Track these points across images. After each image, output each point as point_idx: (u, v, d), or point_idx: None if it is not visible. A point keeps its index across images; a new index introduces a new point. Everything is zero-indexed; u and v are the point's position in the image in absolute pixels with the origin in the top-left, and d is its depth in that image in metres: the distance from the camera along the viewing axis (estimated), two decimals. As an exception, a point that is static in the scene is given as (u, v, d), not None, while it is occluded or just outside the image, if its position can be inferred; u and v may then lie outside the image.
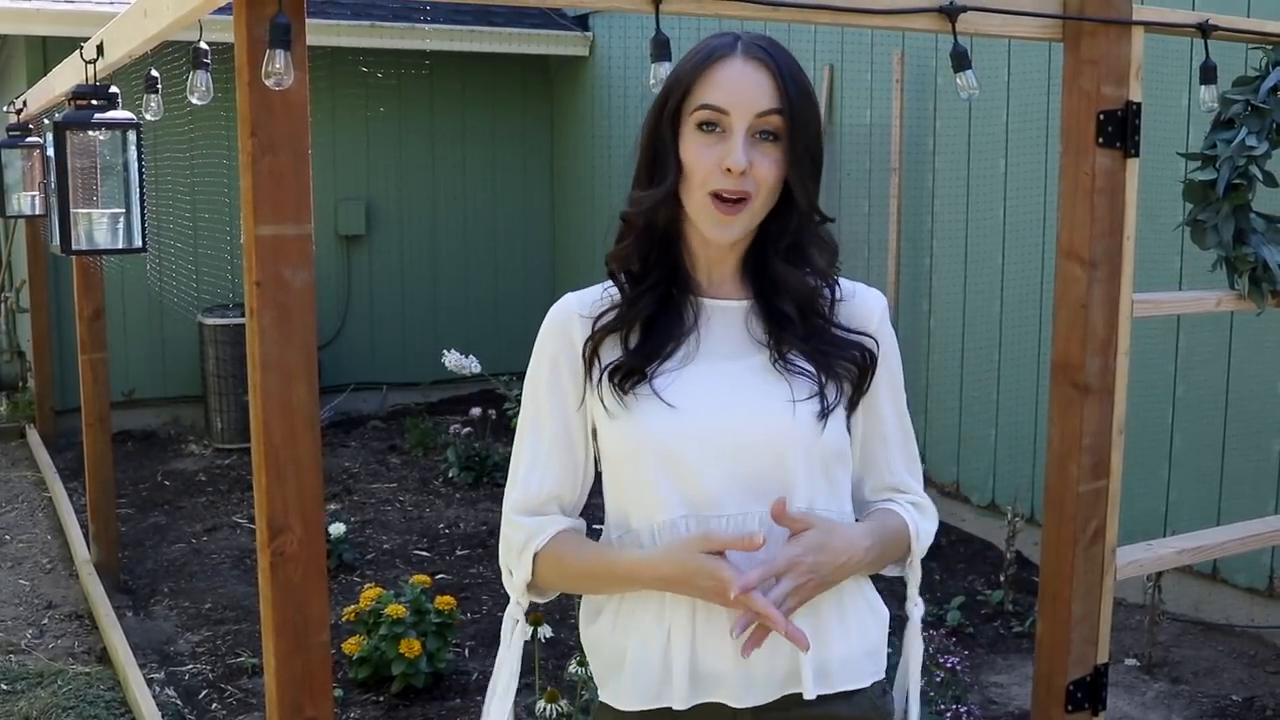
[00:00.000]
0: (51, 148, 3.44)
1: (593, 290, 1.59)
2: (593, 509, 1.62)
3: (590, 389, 1.55)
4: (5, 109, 5.43)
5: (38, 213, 5.14)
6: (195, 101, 2.44)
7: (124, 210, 3.45)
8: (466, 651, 4.12)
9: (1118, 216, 2.16)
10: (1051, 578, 2.24)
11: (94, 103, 3.38)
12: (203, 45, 2.47)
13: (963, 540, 5.17)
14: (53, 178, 3.46)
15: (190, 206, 7.14)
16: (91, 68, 3.33)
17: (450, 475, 6.27)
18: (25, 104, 4.96)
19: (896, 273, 5.52)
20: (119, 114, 3.41)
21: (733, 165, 1.44)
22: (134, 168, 3.44)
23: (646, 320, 1.53)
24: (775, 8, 1.84)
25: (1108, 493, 2.22)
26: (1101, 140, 2.11)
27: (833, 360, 1.53)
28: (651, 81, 1.69)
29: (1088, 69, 2.10)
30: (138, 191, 3.45)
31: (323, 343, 7.42)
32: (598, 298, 1.57)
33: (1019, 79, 4.90)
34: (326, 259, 7.57)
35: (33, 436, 6.96)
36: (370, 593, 3.79)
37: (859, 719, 1.56)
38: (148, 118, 3.35)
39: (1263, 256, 2.51)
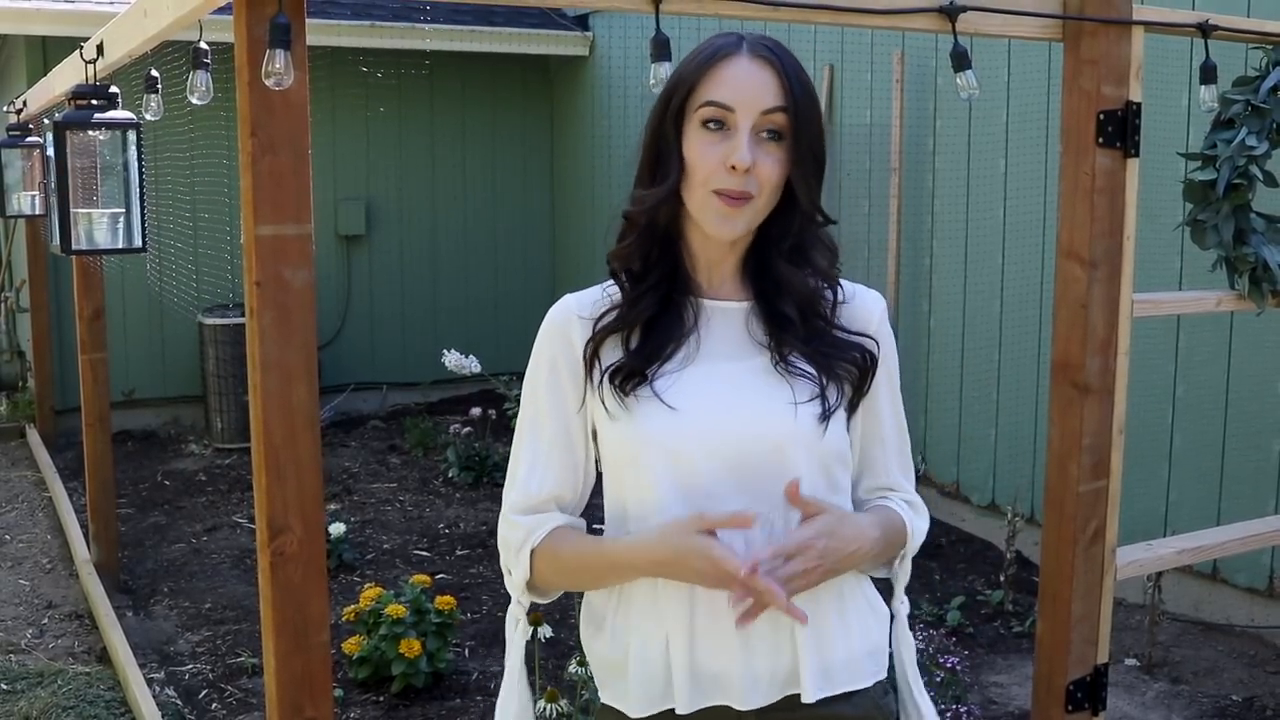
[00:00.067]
0: (51, 148, 3.44)
1: (592, 291, 1.59)
2: (594, 510, 1.62)
3: (591, 390, 1.54)
4: (5, 109, 5.43)
5: (38, 213, 5.15)
6: (195, 101, 2.44)
7: (124, 210, 3.46)
8: (466, 651, 4.12)
9: (1118, 216, 2.16)
10: (1051, 578, 2.25)
11: (94, 103, 3.39)
12: (203, 45, 2.47)
13: (963, 540, 5.16)
14: (53, 177, 3.46)
15: (190, 206, 7.14)
16: (91, 68, 3.33)
17: (450, 475, 6.27)
18: (25, 104, 4.96)
19: (896, 273, 5.52)
20: (119, 114, 3.42)
21: (738, 162, 1.43)
22: (134, 168, 3.44)
23: (647, 321, 1.53)
24: (775, 8, 1.84)
25: (1108, 493, 2.23)
26: (1101, 140, 2.11)
27: (833, 362, 1.53)
28: (652, 82, 1.69)
29: (1088, 69, 2.10)
30: (138, 191, 3.46)
31: (323, 343, 7.42)
32: (597, 299, 1.57)
33: (1019, 79, 4.90)
34: (326, 259, 7.57)
35: (33, 436, 6.96)
36: (370, 593, 3.79)
37: (862, 719, 1.56)
38: (148, 118, 3.35)
39: (1263, 256, 2.51)
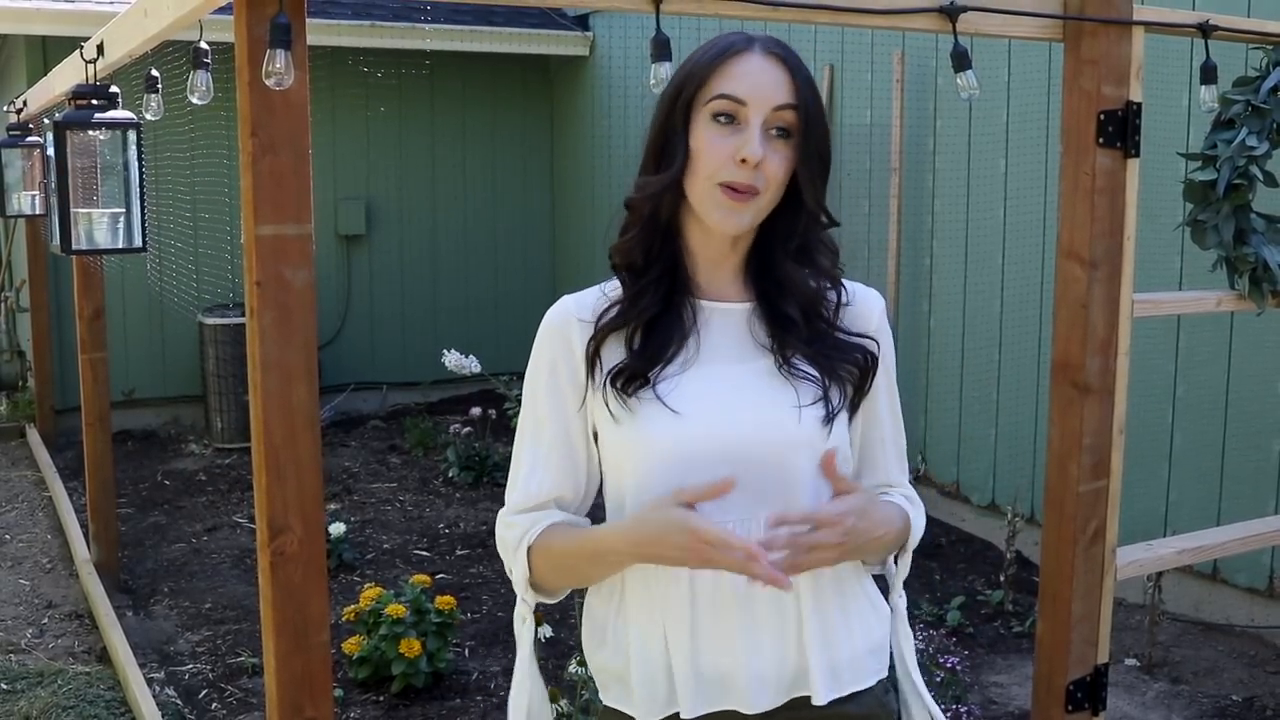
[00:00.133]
0: (51, 147, 3.44)
1: (590, 292, 1.58)
2: (598, 512, 1.62)
3: (592, 390, 1.54)
4: (5, 109, 5.43)
5: (38, 212, 5.15)
6: (195, 101, 2.44)
7: (124, 210, 3.46)
8: (467, 651, 4.12)
9: (1118, 216, 2.15)
10: (1051, 578, 2.24)
11: (94, 102, 3.39)
12: (203, 45, 2.47)
13: (963, 540, 5.16)
14: (53, 177, 3.46)
15: (190, 206, 7.14)
16: (92, 67, 3.33)
17: (450, 475, 6.27)
18: (25, 104, 4.96)
19: (896, 273, 5.52)
20: (119, 114, 3.42)
21: (750, 155, 1.43)
22: (134, 167, 3.44)
23: (649, 321, 1.52)
24: (775, 8, 1.84)
25: (1108, 493, 2.22)
26: (1102, 140, 2.11)
27: (835, 364, 1.53)
28: (652, 82, 1.68)
29: (1088, 69, 2.10)
30: (138, 191, 3.45)
31: (323, 342, 7.42)
32: (596, 300, 1.56)
33: (1019, 79, 4.90)
34: (327, 259, 7.57)
35: (33, 436, 6.96)
36: (370, 592, 3.79)
37: (866, 717, 1.57)
38: (148, 117, 3.35)
39: (1263, 256, 2.51)
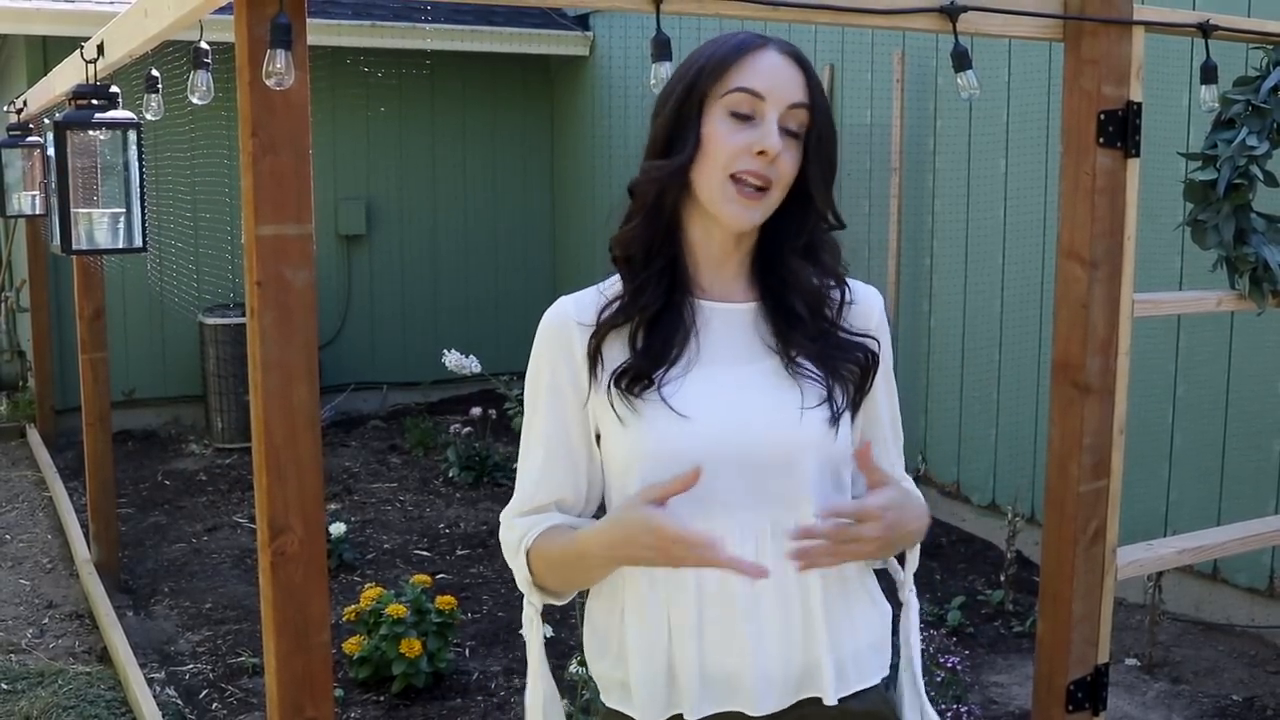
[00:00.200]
0: (52, 147, 3.44)
1: (587, 293, 1.57)
2: (600, 513, 1.61)
3: (595, 391, 1.52)
4: (5, 109, 5.43)
5: (38, 212, 5.15)
6: (196, 101, 2.44)
7: (124, 210, 3.46)
8: (467, 651, 4.12)
9: (1118, 216, 2.15)
10: (1052, 578, 2.24)
11: (94, 102, 3.38)
12: (203, 45, 2.47)
13: (963, 540, 5.16)
14: (53, 177, 3.46)
15: (191, 206, 7.14)
16: (92, 67, 3.33)
17: (450, 475, 6.27)
18: (25, 104, 4.96)
19: (896, 273, 5.52)
20: (119, 114, 3.41)
21: (768, 147, 1.44)
22: (134, 167, 3.44)
23: (651, 319, 1.52)
24: (775, 7, 1.84)
25: (1108, 493, 2.22)
26: (1102, 140, 2.11)
27: (839, 363, 1.53)
28: (652, 82, 1.68)
29: (1088, 69, 2.10)
30: (138, 191, 3.45)
31: (323, 342, 7.42)
32: (594, 300, 1.55)
33: (1019, 79, 4.90)
34: (327, 259, 7.57)
35: (33, 436, 6.96)
36: (371, 592, 3.79)
37: (870, 713, 1.56)
38: (148, 117, 3.35)
39: (1263, 256, 2.51)
